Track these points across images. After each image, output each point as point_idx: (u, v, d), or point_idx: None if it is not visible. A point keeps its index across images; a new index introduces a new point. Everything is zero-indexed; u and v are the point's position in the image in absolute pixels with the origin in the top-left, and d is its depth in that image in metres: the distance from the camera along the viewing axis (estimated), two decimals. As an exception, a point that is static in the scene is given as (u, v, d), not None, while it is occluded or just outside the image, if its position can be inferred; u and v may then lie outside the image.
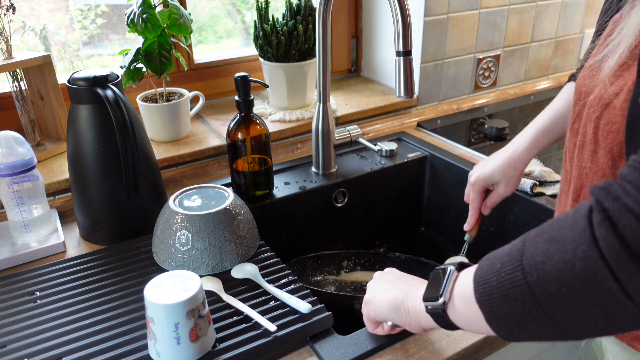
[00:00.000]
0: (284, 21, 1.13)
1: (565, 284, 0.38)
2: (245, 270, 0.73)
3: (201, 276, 0.72)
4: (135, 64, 0.99)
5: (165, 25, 0.97)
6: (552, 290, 0.39)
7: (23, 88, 0.97)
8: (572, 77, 0.80)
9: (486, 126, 1.24)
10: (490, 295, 0.43)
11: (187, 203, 0.75)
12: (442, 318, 0.50)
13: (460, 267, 0.51)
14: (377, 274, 0.64)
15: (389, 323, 0.60)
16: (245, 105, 0.88)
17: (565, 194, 0.62)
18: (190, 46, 1.16)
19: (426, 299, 0.51)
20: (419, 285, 0.56)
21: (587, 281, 0.37)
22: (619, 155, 0.51)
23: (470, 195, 0.88)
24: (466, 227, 0.91)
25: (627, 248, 0.35)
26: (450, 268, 0.51)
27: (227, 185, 0.96)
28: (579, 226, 0.38)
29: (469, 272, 0.47)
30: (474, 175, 0.86)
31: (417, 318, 0.54)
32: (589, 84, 0.56)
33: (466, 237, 0.93)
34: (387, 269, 0.64)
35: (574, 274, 0.37)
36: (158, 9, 0.96)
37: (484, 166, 0.85)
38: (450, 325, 0.50)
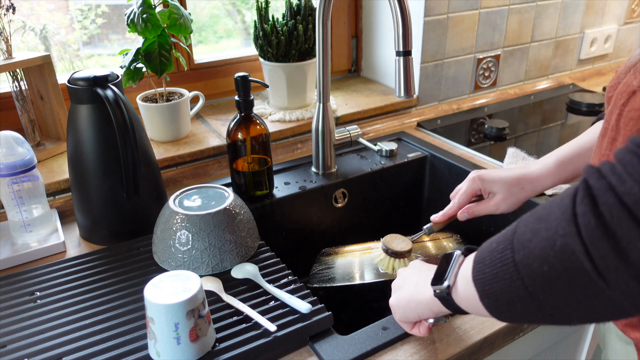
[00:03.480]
0: (284, 21, 1.13)
1: (547, 261, 0.38)
2: (245, 270, 0.73)
3: (201, 276, 0.72)
4: (135, 64, 0.99)
5: (165, 25, 0.97)
6: (535, 268, 0.38)
7: (23, 88, 0.97)
8: (600, 117, 0.74)
9: (486, 126, 1.24)
10: (484, 274, 0.44)
11: (187, 203, 0.75)
12: (448, 302, 0.51)
13: (467, 251, 0.51)
14: (399, 271, 0.64)
15: (425, 324, 0.60)
16: (245, 105, 0.88)
17: None
18: (190, 46, 1.16)
19: (433, 283, 0.53)
20: (430, 273, 0.56)
21: (565, 259, 0.36)
22: None
23: (461, 189, 0.79)
24: (434, 217, 0.82)
25: (603, 226, 0.34)
26: (457, 253, 0.51)
27: (227, 185, 0.96)
28: (564, 204, 0.38)
29: (472, 256, 0.48)
30: (477, 173, 0.78)
31: (429, 305, 0.54)
32: (621, 75, 0.55)
33: (426, 226, 0.83)
34: (412, 262, 0.64)
35: (554, 252, 0.37)
36: (158, 9, 0.96)
37: (492, 171, 0.77)
38: (457, 309, 0.51)
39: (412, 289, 0.58)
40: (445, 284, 0.50)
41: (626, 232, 0.33)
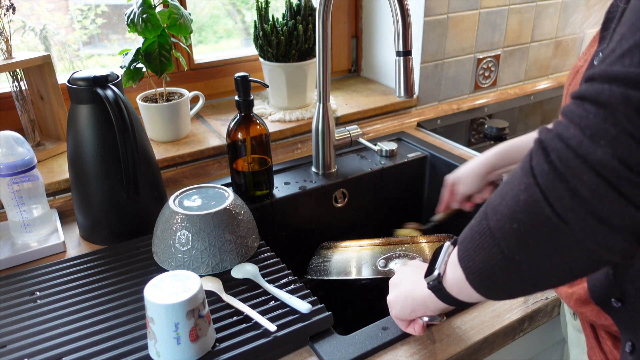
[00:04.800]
0: (284, 21, 1.12)
1: (515, 218, 0.40)
2: (245, 270, 0.73)
3: (201, 276, 0.72)
4: (135, 64, 0.99)
5: (165, 25, 0.97)
6: (507, 228, 0.40)
7: (23, 88, 0.97)
8: None
9: (486, 126, 1.24)
10: (467, 250, 0.45)
11: (187, 203, 0.75)
12: (440, 291, 0.52)
13: (456, 242, 0.52)
14: (397, 269, 0.65)
15: (420, 322, 0.61)
16: (245, 105, 0.88)
17: None
18: (190, 46, 1.16)
19: (426, 275, 0.54)
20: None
21: (529, 211, 0.39)
22: None
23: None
24: (437, 209, 0.95)
25: (555, 170, 0.37)
26: (447, 244, 0.53)
27: (227, 185, 0.96)
28: (523, 162, 0.40)
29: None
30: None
31: (424, 301, 0.55)
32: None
33: (433, 217, 0.97)
34: (411, 262, 0.65)
35: (520, 207, 0.39)
36: (158, 9, 0.96)
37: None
38: (449, 298, 0.51)
39: (409, 286, 0.59)
40: (436, 272, 0.52)
41: (573, 170, 0.36)
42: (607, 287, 0.54)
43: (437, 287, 0.52)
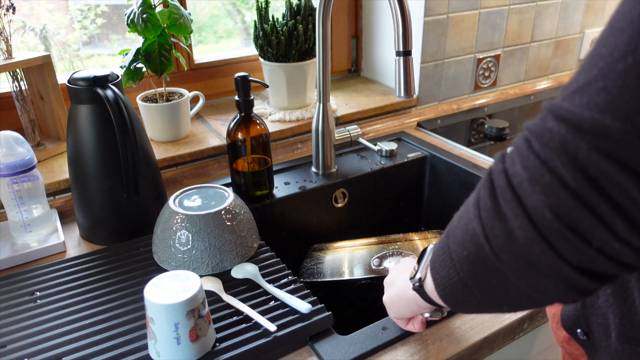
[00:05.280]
0: (284, 21, 1.13)
1: (465, 246, 0.39)
2: (245, 270, 0.73)
3: (201, 276, 0.72)
4: (135, 64, 0.99)
5: (165, 25, 0.97)
6: (460, 253, 0.40)
7: (23, 88, 0.97)
8: None
9: (486, 126, 1.24)
10: (435, 263, 0.45)
11: (187, 203, 0.75)
12: (423, 294, 0.52)
13: None
14: (391, 268, 0.64)
15: (420, 318, 0.60)
16: (245, 105, 0.88)
17: None
18: (190, 46, 1.16)
19: (411, 277, 0.53)
20: None
21: (474, 242, 0.38)
22: None
23: None
24: None
25: (496, 207, 0.36)
26: (430, 246, 0.52)
27: (227, 185, 0.96)
28: (476, 189, 0.39)
29: None
30: None
31: (416, 300, 0.54)
32: None
33: None
34: (403, 259, 0.64)
35: (468, 236, 0.38)
36: (158, 9, 0.96)
37: None
38: (432, 301, 0.51)
39: (402, 285, 0.58)
40: (417, 276, 0.51)
41: (511, 212, 0.34)
42: (574, 317, 0.53)
43: (419, 290, 0.52)
